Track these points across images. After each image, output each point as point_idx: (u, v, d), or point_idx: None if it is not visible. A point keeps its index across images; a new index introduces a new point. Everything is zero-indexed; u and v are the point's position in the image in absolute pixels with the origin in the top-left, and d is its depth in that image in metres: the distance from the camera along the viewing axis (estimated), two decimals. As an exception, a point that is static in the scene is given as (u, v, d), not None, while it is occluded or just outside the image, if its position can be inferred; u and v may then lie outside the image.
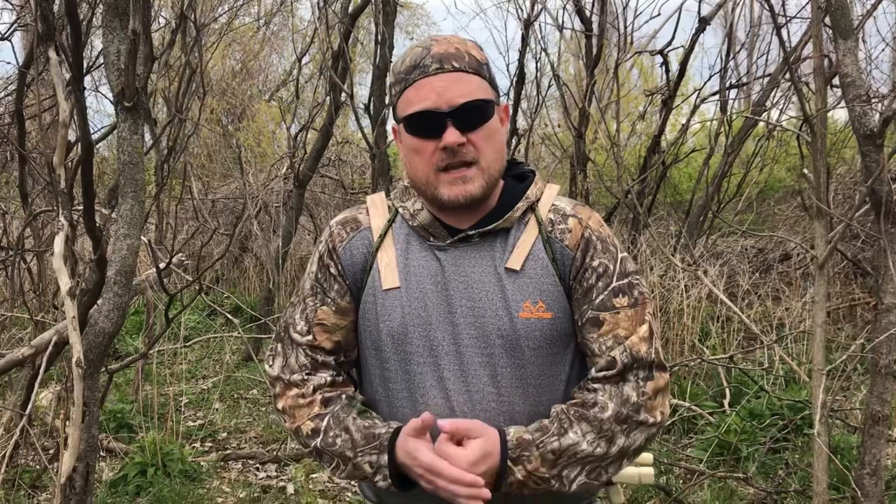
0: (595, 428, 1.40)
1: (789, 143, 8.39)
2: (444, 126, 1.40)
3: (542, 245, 1.48)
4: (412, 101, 1.43)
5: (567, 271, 1.48)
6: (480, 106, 1.42)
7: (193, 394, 5.90)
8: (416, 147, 1.45)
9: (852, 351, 3.81)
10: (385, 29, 5.80)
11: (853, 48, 2.71)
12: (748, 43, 9.12)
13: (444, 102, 1.40)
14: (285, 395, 1.53)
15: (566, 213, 1.51)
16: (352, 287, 1.54)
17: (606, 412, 1.40)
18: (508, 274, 1.46)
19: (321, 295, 1.55)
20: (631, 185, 6.21)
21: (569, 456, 1.38)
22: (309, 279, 1.58)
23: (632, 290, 1.47)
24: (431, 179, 1.45)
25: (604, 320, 1.45)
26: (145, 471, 4.09)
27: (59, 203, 2.75)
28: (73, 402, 2.53)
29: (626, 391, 1.42)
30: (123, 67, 2.54)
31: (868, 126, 2.64)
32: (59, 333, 3.29)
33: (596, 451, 1.39)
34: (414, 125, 1.44)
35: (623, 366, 1.43)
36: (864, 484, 2.79)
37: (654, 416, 1.43)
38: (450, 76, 1.41)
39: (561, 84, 6.80)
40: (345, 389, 1.53)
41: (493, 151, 1.45)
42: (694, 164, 9.73)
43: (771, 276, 7.56)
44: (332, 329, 1.53)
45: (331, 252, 1.55)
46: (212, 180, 11.40)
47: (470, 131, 1.42)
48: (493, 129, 1.45)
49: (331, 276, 1.54)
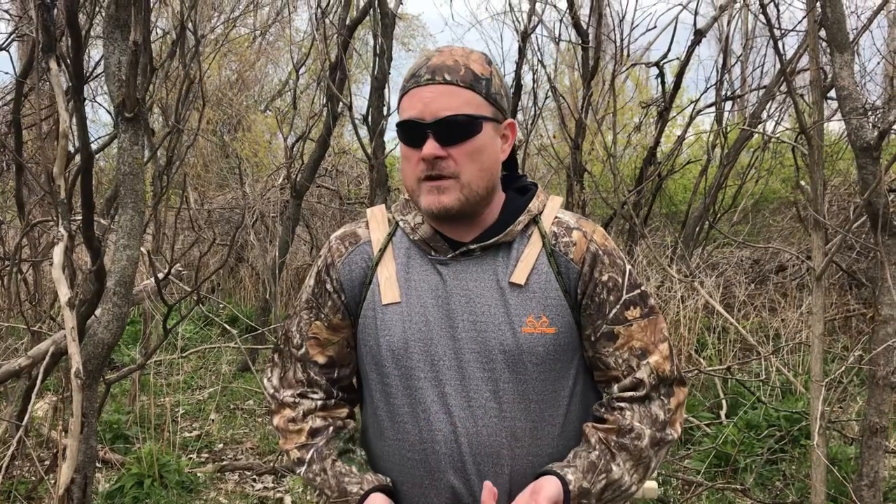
0: (635, 457, 1.44)
1: (784, 155, 8.42)
2: (426, 137, 1.41)
3: (546, 259, 1.47)
4: (405, 108, 1.45)
5: (573, 285, 1.47)
6: (463, 122, 1.41)
7: (190, 404, 5.88)
8: (405, 154, 1.47)
9: (850, 362, 3.82)
10: (383, 40, 5.82)
11: (849, 61, 2.73)
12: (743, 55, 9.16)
13: (429, 114, 1.41)
14: (279, 413, 1.56)
15: (570, 227, 1.51)
16: (349, 303, 1.54)
17: (643, 440, 1.44)
18: (512, 288, 1.45)
19: (315, 310, 1.55)
20: (627, 196, 6.23)
21: (612, 490, 1.43)
22: (306, 292, 1.58)
23: (644, 301, 1.49)
24: (415, 188, 1.46)
25: (618, 334, 1.46)
26: (142, 482, 4.08)
27: (59, 213, 2.74)
28: (72, 413, 2.52)
29: (653, 411, 1.45)
30: (124, 78, 2.55)
31: (864, 139, 2.66)
32: (56, 344, 3.28)
33: (633, 479, 1.45)
34: (402, 133, 1.45)
35: (650, 387, 1.46)
36: (862, 495, 2.79)
37: (675, 430, 1.48)
38: (438, 88, 1.41)
39: (557, 95, 6.83)
40: (335, 416, 1.55)
41: (476, 168, 1.43)
42: (689, 176, 9.77)
43: (767, 287, 7.59)
44: (325, 343, 1.55)
45: (328, 268, 1.55)
46: (208, 190, 11.40)
47: (451, 146, 1.41)
48: (480, 145, 1.43)
49: (326, 291, 1.55)
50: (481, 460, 1.41)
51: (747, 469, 4.26)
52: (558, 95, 6.86)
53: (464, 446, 1.41)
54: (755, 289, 7.67)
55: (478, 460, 1.41)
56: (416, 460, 1.45)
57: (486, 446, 1.41)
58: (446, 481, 1.43)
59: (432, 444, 1.43)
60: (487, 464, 1.42)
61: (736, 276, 7.79)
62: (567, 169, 6.93)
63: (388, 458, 1.50)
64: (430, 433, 1.43)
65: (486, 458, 1.42)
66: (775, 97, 6.92)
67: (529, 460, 1.44)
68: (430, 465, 1.43)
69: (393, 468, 1.49)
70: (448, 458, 1.42)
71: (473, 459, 1.41)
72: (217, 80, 12.03)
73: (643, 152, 7.64)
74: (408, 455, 1.45)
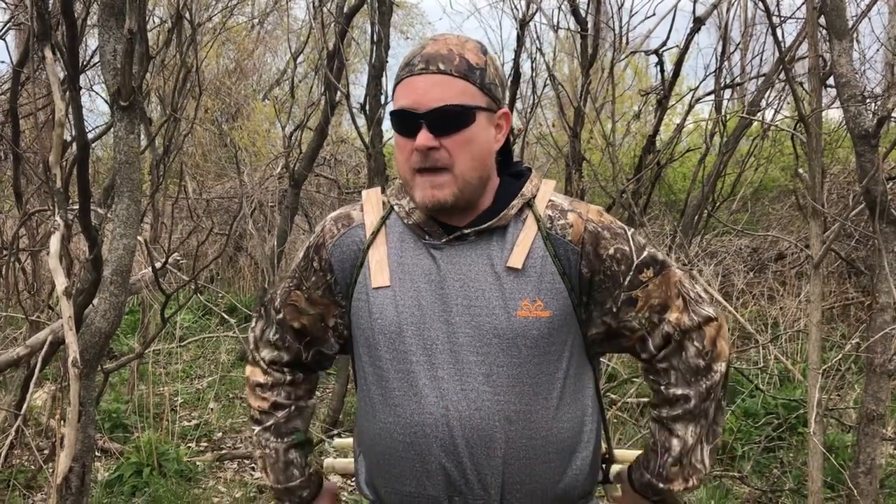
0: (690, 419, 1.54)
1: (783, 143, 8.40)
2: (419, 127, 1.41)
3: (541, 242, 1.48)
4: (398, 97, 1.45)
5: (573, 266, 1.48)
6: (456, 111, 1.41)
7: (188, 394, 5.88)
8: (399, 143, 1.47)
9: (848, 350, 3.82)
10: (381, 29, 5.79)
11: (848, 48, 2.72)
12: (742, 43, 9.12)
13: (422, 104, 1.41)
14: (253, 369, 1.71)
15: (564, 209, 1.51)
16: (340, 283, 1.56)
17: (691, 402, 1.53)
18: (508, 272, 1.46)
19: (298, 280, 1.62)
20: (626, 184, 6.21)
21: (686, 455, 1.54)
22: (294, 262, 1.65)
23: (654, 260, 1.52)
24: (409, 179, 1.47)
25: (636, 297, 1.50)
26: (141, 471, 4.09)
27: (55, 202, 2.74)
28: (69, 403, 2.52)
29: (691, 360, 1.52)
30: (120, 67, 2.54)
31: (863, 126, 2.65)
32: (55, 333, 3.28)
33: (700, 431, 1.54)
34: (395, 122, 1.45)
35: (679, 338, 1.52)
36: (859, 482, 2.80)
37: (721, 362, 1.54)
38: (432, 77, 1.41)
39: (556, 84, 6.80)
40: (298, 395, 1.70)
41: (469, 159, 1.44)
42: (688, 164, 9.73)
43: (765, 275, 7.58)
44: (302, 312, 1.62)
45: (318, 247, 1.58)
46: (206, 179, 11.38)
47: (443, 136, 1.41)
48: (472, 136, 1.43)
49: (312, 268, 1.59)
50: (474, 443, 1.42)
51: (745, 457, 4.27)
52: (557, 84, 6.82)
53: (456, 430, 1.42)
54: (754, 277, 7.67)
55: (471, 443, 1.42)
56: (407, 443, 1.45)
57: (479, 430, 1.42)
58: (438, 464, 1.44)
59: (423, 428, 1.43)
60: (480, 447, 1.43)
61: (735, 265, 7.78)
62: (566, 157, 6.91)
63: (380, 440, 1.50)
64: (422, 416, 1.44)
65: (480, 442, 1.42)
66: (774, 85, 6.90)
67: (523, 443, 1.44)
68: (421, 447, 1.44)
69: (385, 450, 1.50)
70: (440, 441, 1.43)
71: (466, 443, 1.42)
72: (215, 68, 11.99)
73: (642, 140, 7.61)
74: (400, 437, 1.46)
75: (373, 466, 1.56)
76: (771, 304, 6.83)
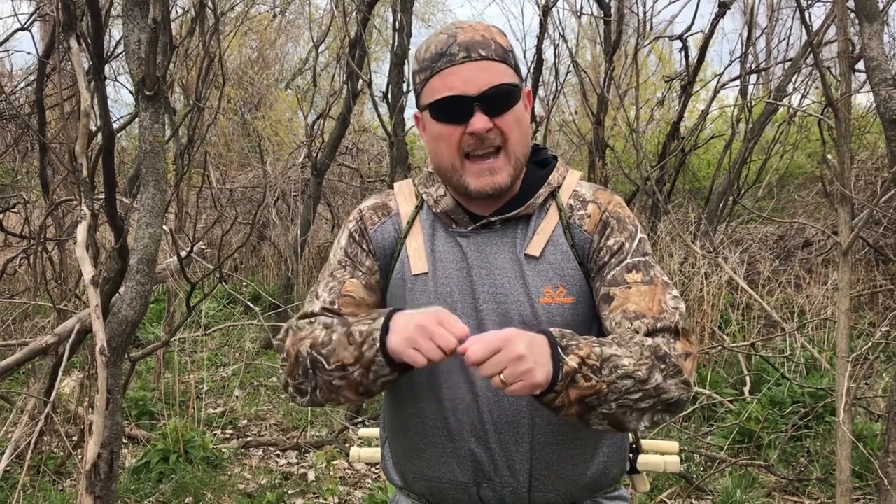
0: (635, 353, 1.31)
1: (810, 129, 8.29)
2: (472, 111, 1.40)
3: (561, 231, 1.48)
4: (439, 89, 1.42)
5: (586, 256, 1.48)
6: (508, 90, 1.42)
7: (214, 381, 5.94)
8: (442, 133, 1.44)
9: (877, 338, 3.77)
10: (403, 16, 5.77)
11: (879, 31, 2.67)
12: (769, 27, 9.00)
13: (474, 87, 1.40)
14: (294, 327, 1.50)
15: (586, 199, 1.51)
16: (383, 269, 1.55)
17: (647, 342, 1.33)
18: (528, 260, 1.46)
19: (350, 268, 1.54)
20: (650, 171, 6.17)
21: (611, 367, 1.28)
22: (337, 254, 1.57)
23: (647, 269, 1.45)
24: (457, 165, 1.45)
25: (614, 296, 1.42)
26: (167, 458, 4.13)
27: (82, 192, 2.76)
28: (97, 390, 2.55)
29: (657, 341, 1.35)
30: (144, 56, 2.55)
31: (893, 111, 2.61)
32: (82, 322, 3.32)
33: (636, 373, 1.29)
34: (440, 111, 1.42)
35: (648, 330, 1.37)
36: (888, 472, 2.77)
37: (686, 372, 1.34)
38: (477, 64, 1.41)
39: (579, 70, 6.76)
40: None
41: (520, 136, 1.45)
42: (713, 151, 9.65)
43: (792, 262, 7.50)
44: (359, 303, 1.51)
45: (363, 231, 1.56)
46: (229, 169, 11.45)
47: (497, 116, 1.41)
48: (520, 113, 1.45)
49: (363, 251, 1.55)
50: (502, 428, 1.43)
51: (771, 445, 4.24)
52: (580, 70, 6.78)
53: (485, 415, 1.43)
54: (780, 265, 7.59)
55: (499, 428, 1.43)
56: (437, 427, 1.46)
57: (507, 415, 1.43)
58: (468, 449, 1.45)
59: (454, 413, 1.44)
60: (508, 432, 1.43)
61: (760, 252, 7.70)
62: (589, 145, 6.87)
63: (410, 425, 1.51)
64: (452, 402, 1.44)
65: (507, 427, 1.43)
66: (801, 70, 6.80)
67: (550, 429, 1.44)
68: (451, 432, 1.45)
69: (414, 435, 1.51)
70: (469, 425, 1.44)
71: (495, 427, 1.43)
72: (238, 58, 12.04)
73: (666, 127, 7.55)
74: (430, 423, 1.47)
75: (401, 452, 1.57)
76: (797, 292, 6.76)
